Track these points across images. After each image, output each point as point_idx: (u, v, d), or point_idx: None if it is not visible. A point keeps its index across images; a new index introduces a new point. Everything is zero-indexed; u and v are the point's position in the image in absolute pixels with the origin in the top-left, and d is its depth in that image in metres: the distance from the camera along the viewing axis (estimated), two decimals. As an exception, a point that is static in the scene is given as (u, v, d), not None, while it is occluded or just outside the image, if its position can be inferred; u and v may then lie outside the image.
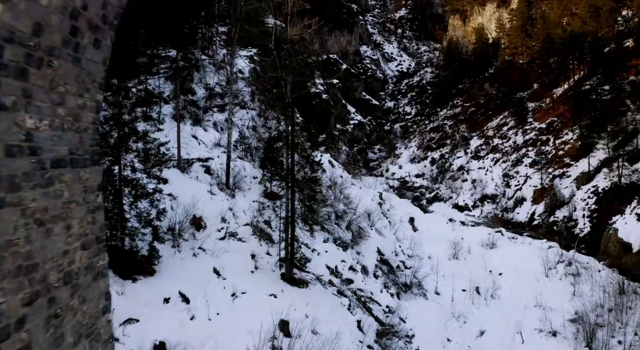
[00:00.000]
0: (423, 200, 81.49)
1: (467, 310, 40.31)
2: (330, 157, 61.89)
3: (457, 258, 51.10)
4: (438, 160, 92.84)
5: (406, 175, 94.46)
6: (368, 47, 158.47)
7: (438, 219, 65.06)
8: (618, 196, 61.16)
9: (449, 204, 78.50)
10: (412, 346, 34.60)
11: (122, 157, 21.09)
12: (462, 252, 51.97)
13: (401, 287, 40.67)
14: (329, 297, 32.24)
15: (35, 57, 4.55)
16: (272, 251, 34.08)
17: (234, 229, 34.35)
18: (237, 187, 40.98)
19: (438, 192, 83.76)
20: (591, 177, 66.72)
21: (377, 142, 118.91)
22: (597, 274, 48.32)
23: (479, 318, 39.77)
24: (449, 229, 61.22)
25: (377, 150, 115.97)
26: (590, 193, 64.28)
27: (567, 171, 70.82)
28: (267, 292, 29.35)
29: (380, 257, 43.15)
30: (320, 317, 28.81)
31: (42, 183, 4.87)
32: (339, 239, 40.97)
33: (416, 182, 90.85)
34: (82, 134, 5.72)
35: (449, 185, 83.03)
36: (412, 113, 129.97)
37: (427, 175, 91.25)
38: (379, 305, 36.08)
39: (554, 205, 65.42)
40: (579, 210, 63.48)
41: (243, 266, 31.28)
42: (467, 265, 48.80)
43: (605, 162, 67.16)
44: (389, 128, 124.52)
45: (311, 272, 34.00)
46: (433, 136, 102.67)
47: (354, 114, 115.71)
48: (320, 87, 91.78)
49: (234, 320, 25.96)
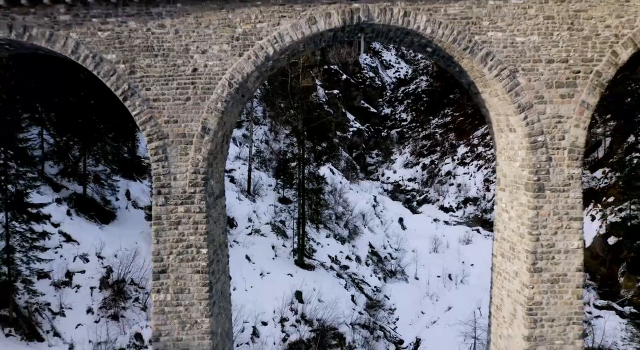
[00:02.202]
0: (414, 202, 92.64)
1: (439, 291, 51.58)
2: (331, 166, 72.96)
3: (437, 251, 62.15)
4: (429, 166, 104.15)
5: (400, 179, 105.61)
6: (367, 55, 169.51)
7: (424, 219, 76.07)
8: (578, 199, 72.19)
9: (436, 205, 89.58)
10: (394, 316, 45.99)
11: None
12: (441, 247, 63.00)
13: (387, 272, 52.01)
14: (330, 277, 43.55)
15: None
16: (287, 243, 45.39)
17: (258, 227, 45.66)
18: (257, 194, 52.08)
19: (427, 195, 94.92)
20: (558, 182, 77.92)
21: (374, 147, 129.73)
22: (553, 265, 59.57)
23: (448, 297, 50.99)
24: (433, 227, 72.00)
25: (374, 155, 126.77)
26: (556, 197, 75.43)
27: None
28: (285, 272, 40.74)
29: (371, 250, 54.43)
30: (324, 290, 40.26)
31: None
32: (338, 235, 52.19)
33: (408, 186, 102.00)
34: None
35: (437, 188, 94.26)
36: (408, 119, 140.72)
37: (418, 180, 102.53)
38: (369, 286, 47.39)
39: (525, 207, 76.53)
40: (546, 212, 74.62)
41: (266, 254, 42.64)
42: (444, 257, 59.87)
43: (570, 169, 78.36)
44: (385, 134, 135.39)
45: (317, 260, 45.25)
46: (425, 143, 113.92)
47: (353, 122, 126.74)
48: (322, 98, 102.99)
49: (263, 291, 37.45)
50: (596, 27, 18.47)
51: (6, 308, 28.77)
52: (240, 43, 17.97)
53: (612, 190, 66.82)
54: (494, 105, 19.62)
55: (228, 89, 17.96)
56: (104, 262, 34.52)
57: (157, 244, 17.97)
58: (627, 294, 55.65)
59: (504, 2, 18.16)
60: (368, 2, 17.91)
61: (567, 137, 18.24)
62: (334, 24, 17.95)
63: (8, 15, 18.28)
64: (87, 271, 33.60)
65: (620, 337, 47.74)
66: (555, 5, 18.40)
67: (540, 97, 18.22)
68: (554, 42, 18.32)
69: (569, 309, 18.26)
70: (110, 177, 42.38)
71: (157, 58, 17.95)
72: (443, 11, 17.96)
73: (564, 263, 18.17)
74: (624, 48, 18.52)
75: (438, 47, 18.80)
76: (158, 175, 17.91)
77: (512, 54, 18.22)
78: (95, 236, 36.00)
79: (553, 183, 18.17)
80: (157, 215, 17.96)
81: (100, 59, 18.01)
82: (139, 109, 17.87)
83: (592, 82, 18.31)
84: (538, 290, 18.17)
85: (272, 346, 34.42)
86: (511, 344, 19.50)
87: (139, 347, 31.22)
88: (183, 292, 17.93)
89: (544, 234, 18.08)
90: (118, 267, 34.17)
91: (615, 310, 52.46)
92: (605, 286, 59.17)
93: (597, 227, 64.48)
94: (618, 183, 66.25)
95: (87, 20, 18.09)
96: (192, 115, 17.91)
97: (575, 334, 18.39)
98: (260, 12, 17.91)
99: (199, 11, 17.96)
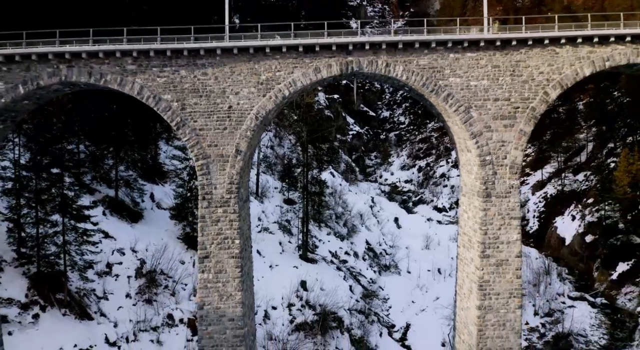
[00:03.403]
0: (409, 203, 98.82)
1: (429, 283, 57.93)
2: (331, 169, 79.25)
3: (429, 248, 68.39)
4: (424, 168, 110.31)
5: (397, 180, 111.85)
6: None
7: (418, 219, 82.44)
8: (561, 201, 78.39)
9: (431, 206, 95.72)
10: (387, 304, 52.37)
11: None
12: (432, 244, 69.25)
13: (382, 267, 58.43)
14: (330, 270, 49.94)
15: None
16: (292, 240, 51.76)
17: (266, 225, 52.03)
18: (264, 195, 58.34)
19: (422, 196, 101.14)
20: (543, 184, 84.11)
21: (373, 149, 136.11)
22: (535, 261, 66.04)
23: (437, 289, 57.30)
24: (427, 226, 78.20)
25: (373, 157, 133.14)
26: (541, 198, 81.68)
27: (527, 179, 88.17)
28: (291, 265, 47.09)
29: (367, 246, 60.84)
30: (325, 281, 46.59)
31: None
32: (338, 232, 58.55)
33: (405, 187, 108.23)
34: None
35: (431, 190, 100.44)
36: (406, 122, 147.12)
37: (414, 181, 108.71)
38: (365, 278, 53.80)
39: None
40: (531, 212, 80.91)
41: (274, 249, 49.02)
42: (435, 254, 66.14)
43: (555, 172, 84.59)
44: (384, 137, 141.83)
45: (319, 254, 51.61)
46: (421, 146, 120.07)
47: (353, 125, 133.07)
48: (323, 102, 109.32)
49: (272, 281, 43.76)
50: (532, 73, 24.85)
51: (61, 293, 35.04)
52: (263, 86, 24.35)
53: (591, 192, 73.22)
54: (456, 131, 25.99)
55: (255, 121, 24.35)
56: (137, 255, 40.90)
57: (202, 237, 24.35)
58: (600, 287, 62.16)
59: (461, 55, 24.52)
60: (359, 56, 24.29)
61: (508, 157, 24.60)
62: (333, 73, 24.34)
63: (87, 65, 24.67)
64: (123, 263, 40.02)
65: (589, 324, 54.31)
66: (501, 56, 24.75)
67: (488, 126, 24.59)
68: (499, 85, 24.68)
69: (510, 286, 24.62)
70: (136, 181, 48.69)
71: (202, 98, 24.32)
72: (415, 63, 24.33)
73: (506, 251, 24.53)
74: (553, 89, 24.90)
75: (412, 88, 25.15)
76: (203, 185, 24.29)
77: (467, 94, 24.57)
78: (128, 233, 42.41)
79: (498, 191, 24.53)
80: (202, 215, 24.33)
81: (159, 98, 24.39)
82: (188, 136, 24.27)
83: (528, 115, 24.67)
84: (486, 272, 24.52)
85: (281, 327, 40.80)
86: (469, 314, 25.87)
87: (171, 325, 37.64)
88: (221, 272, 24.29)
89: (491, 229, 24.45)
90: (150, 259, 40.49)
91: (587, 301, 58.98)
92: (582, 280, 65.81)
93: (577, 226, 71.07)
94: (596, 186, 72.59)
95: (149, 69, 24.46)
96: (228, 141, 24.28)
97: (515, 305, 24.74)
98: (279, 63, 24.28)
99: (232, 63, 24.33)
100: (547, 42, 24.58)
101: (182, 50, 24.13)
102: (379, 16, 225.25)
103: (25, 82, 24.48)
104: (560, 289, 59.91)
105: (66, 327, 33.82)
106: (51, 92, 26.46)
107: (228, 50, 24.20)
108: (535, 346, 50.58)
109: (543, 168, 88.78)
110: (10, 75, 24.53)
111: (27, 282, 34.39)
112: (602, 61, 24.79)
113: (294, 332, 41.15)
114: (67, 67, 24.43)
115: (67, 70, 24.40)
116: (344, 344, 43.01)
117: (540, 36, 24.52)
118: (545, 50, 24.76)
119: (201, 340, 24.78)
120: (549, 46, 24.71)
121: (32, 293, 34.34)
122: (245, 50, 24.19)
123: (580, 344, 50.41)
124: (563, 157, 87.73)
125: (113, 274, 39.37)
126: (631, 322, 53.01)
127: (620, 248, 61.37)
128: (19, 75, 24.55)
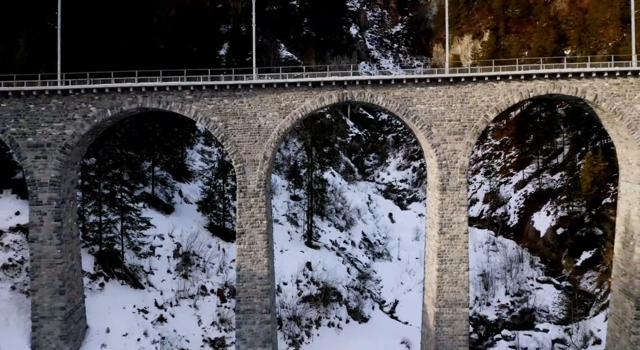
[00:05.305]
0: (404, 200, 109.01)
1: (416, 269, 68.30)
2: (332, 169, 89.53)
3: (418, 240, 78.65)
4: (418, 168, 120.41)
5: (393, 180, 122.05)
6: (366, 63, 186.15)
7: (411, 215, 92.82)
8: (539, 198, 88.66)
9: (423, 203, 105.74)
10: (379, 285, 62.67)
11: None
12: (422, 236, 79.33)
13: (375, 254, 68.80)
14: (331, 255, 60.32)
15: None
16: (299, 230, 62.09)
17: (276, 218, 62.28)
18: (273, 192, 68.52)
19: (416, 194, 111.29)
20: (524, 184, 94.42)
21: (372, 150, 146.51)
22: (512, 250, 76.32)
23: (422, 273, 67.42)
24: (418, 221, 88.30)
25: (372, 157, 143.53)
26: (522, 196, 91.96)
27: (510, 179, 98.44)
28: (298, 250, 57.41)
29: (363, 237, 71.24)
30: (327, 263, 56.88)
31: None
32: (337, 224, 68.90)
33: (400, 186, 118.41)
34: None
35: (424, 188, 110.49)
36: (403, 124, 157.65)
37: (409, 181, 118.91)
38: (361, 263, 64.18)
39: (496, 204, 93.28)
40: (512, 208, 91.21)
41: (283, 237, 59.37)
42: (423, 244, 76.30)
43: (535, 173, 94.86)
44: (382, 138, 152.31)
45: (321, 242, 61.97)
46: (416, 148, 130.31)
47: (352, 128, 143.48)
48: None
49: (283, 262, 54.00)
50: (476, 101, 35.16)
51: (119, 267, 45.36)
52: (283, 111, 34.69)
53: (564, 190, 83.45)
54: (422, 142, 36.35)
55: (277, 136, 34.69)
56: (174, 240, 51.20)
57: (240, 218, 34.71)
58: (567, 272, 72.47)
59: (425, 89, 34.85)
60: (352, 89, 34.67)
61: (459, 161, 34.91)
62: (333, 101, 34.72)
63: (157, 95, 35.01)
64: (163, 245, 50.41)
65: (551, 303, 64.65)
66: (454, 89, 35.07)
67: (444, 140, 34.89)
68: (452, 110, 34.99)
69: (460, 254, 34.92)
70: (168, 179, 59.07)
71: (239, 119, 34.66)
72: (392, 94, 34.67)
73: (457, 229, 34.85)
74: (491, 112, 35.25)
75: (390, 112, 35.47)
76: (240, 182, 34.65)
77: (429, 117, 34.87)
78: (165, 222, 52.82)
79: (451, 186, 34.84)
80: (240, 203, 34.71)
81: (209, 119, 34.76)
82: (230, 147, 34.62)
83: (473, 131, 34.97)
84: (443, 244, 34.81)
85: (291, 298, 51.14)
86: (431, 276, 36.18)
87: (204, 294, 48.05)
88: (253, 243, 34.61)
89: (446, 214, 34.77)
90: (185, 243, 50.78)
91: (553, 284, 69.30)
92: (553, 267, 76.31)
93: (551, 220, 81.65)
94: (568, 184, 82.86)
95: (201, 98, 34.81)
96: (257, 150, 34.60)
97: (464, 268, 35.05)
98: (294, 94, 34.62)
99: (261, 94, 34.68)
100: (487, 79, 34.93)
101: (225, 85, 34.50)
102: (378, 21, 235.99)
103: (112, 107, 34.84)
104: (530, 273, 70.29)
105: (125, 293, 44.16)
106: (127, 114, 36.79)
107: (258, 85, 34.58)
108: (504, 319, 60.90)
109: (524, 169, 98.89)
110: (101, 103, 34.89)
111: (94, 258, 44.71)
112: (528, 92, 35.10)
113: (301, 302, 51.50)
114: (143, 97, 34.80)
115: (142, 99, 34.78)
116: (342, 313, 53.39)
117: (482, 75, 34.87)
118: (486, 85, 35.10)
119: (238, 293, 35.13)
120: (488, 82, 35.06)
121: (98, 267, 44.76)
122: (270, 85, 34.57)
123: (542, 318, 60.75)
124: (542, 158, 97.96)
125: (156, 254, 49.66)
126: (589, 301, 63.31)
127: (584, 239, 71.90)
128: (107, 102, 34.87)
